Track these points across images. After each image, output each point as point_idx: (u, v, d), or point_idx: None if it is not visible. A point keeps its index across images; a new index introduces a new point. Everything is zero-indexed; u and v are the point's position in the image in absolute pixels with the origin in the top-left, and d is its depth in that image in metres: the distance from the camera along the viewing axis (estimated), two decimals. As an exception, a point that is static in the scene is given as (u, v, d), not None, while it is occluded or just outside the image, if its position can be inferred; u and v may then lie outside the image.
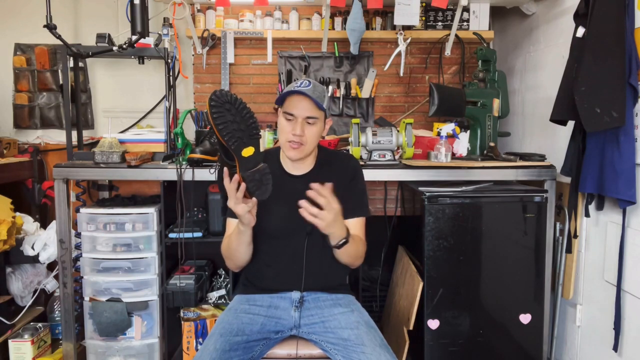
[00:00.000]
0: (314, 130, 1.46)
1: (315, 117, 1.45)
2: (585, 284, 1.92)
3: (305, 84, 1.43)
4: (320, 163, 1.57)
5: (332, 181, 1.45)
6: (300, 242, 1.50)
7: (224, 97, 1.23)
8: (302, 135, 1.43)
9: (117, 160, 2.00)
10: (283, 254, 1.53)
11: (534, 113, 2.38)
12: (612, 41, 1.60)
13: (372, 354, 1.31)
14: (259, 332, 1.44)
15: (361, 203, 1.60)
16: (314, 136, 1.47)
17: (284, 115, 1.47)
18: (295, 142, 1.44)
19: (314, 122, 1.45)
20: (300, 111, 1.43)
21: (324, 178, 1.49)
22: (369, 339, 1.36)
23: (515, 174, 1.99)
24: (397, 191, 2.21)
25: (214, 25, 2.63)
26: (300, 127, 1.43)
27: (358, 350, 1.33)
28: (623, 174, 1.60)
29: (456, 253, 1.87)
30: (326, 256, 1.53)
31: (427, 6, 2.60)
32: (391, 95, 2.77)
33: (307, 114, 1.44)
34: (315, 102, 1.42)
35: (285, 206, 1.47)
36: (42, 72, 2.67)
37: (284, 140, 1.47)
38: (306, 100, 1.43)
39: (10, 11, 2.66)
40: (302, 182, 1.50)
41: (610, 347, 1.71)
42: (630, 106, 1.59)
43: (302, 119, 1.44)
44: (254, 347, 1.41)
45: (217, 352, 1.32)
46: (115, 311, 2.01)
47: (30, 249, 2.25)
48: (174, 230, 2.06)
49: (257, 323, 1.45)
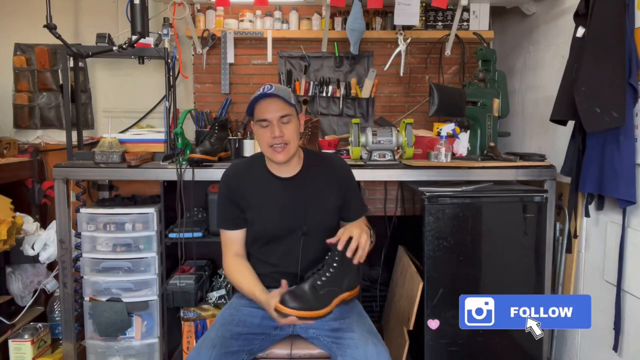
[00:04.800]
0: (291, 128, 1.47)
1: (288, 115, 1.46)
2: (585, 284, 1.92)
3: (267, 88, 1.45)
4: (308, 164, 1.58)
5: (320, 180, 1.55)
6: (294, 242, 1.53)
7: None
8: (283, 135, 1.44)
9: (117, 160, 2.00)
10: (278, 254, 1.55)
11: (534, 113, 2.38)
12: (612, 41, 1.60)
13: (359, 339, 1.37)
14: (259, 325, 1.47)
15: (361, 203, 1.67)
16: (293, 133, 1.47)
17: (258, 124, 1.48)
18: (277, 144, 1.45)
19: (288, 120, 1.46)
20: (272, 113, 1.45)
21: (312, 179, 1.56)
22: (358, 326, 1.43)
23: (515, 174, 1.99)
24: (397, 191, 2.20)
25: (214, 25, 2.63)
26: (278, 129, 1.44)
27: (347, 337, 1.39)
28: (623, 174, 1.60)
29: (456, 253, 1.87)
30: (321, 253, 1.54)
31: (427, 6, 2.60)
32: (391, 95, 2.77)
33: (279, 114, 1.45)
34: (283, 99, 1.44)
35: (277, 209, 1.52)
36: (42, 72, 2.66)
37: (266, 147, 1.48)
38: (274, 101, 1.45)
39: (10, 11, 2.66)
40: (291, 184, 1.54)
41: (610, 347, 1.71)
42: (630, 106, 1.59)
43: (276, 120, 1.45)
44: (253, 340, 1.44)
45: (219, 339, 1.35)
46: (115, 311, 2.01)
47: (30, 249, 2.25)
48: (174, 230, 2.07)
49: (257, 316, 1.48)
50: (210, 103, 2.70)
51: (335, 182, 1.58)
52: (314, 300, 1.31)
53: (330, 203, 1.57)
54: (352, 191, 1.63)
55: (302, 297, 1.31)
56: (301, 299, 1.30)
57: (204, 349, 1.33)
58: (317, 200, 1.54)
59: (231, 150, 2.31)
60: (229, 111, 2.64)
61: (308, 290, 1.33)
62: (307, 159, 1.59)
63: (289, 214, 1.52)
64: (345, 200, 1.59)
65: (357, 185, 1.67)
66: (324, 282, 1.35)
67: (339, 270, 1.38)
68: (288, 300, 1.29)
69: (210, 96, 2.72)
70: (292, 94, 1.51)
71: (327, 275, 1.37)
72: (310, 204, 1.53)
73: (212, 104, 2.69)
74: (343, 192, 1.59)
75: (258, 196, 1.53)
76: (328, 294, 1.35)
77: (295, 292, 1.32)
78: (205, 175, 1.99)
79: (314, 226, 1.53)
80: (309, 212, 1.53)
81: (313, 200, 1.54)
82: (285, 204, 1.53)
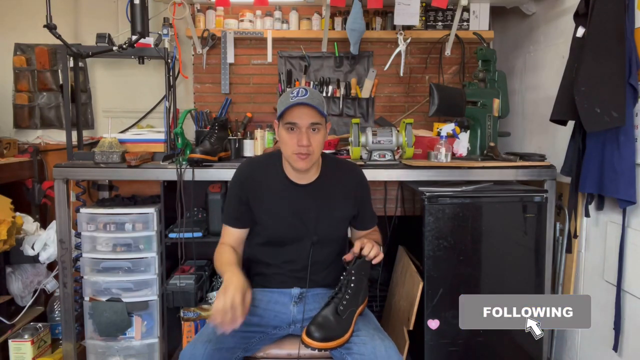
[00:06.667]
0: (319, 138, 1.43)
1: (319, 124, 1.42)
2: (585, 284, 1.92)
3: (302, 93, 1.40)
4: (325, 172, 1.56)
5: (336, 191, 1.53)
6: (303, 248, 1.52)
7: None
8: (310, 145, 1.40)
9: (117, 160, 2.00)
10: (286, 259, 1.55)
11: (534, 113, 2.38)
12: (612, 41, 1.60)
13: (366, 336, 1.36)
14: (257, 323, 1.47)
15: (372, 214, 1.68)
16: (319, 143, 1.44)
17: (285, 126, 1.42)
18: (303, 153, 1.41)
19: (318, 129, 1.43)
20: (303, 120, 1.40)
21: (328, 188, 1.53)
22: (364, 324, 1.43)
23: (515, 174, 1.99)
24: (397, 191, 2.20)
25: (214, 25, 2.63)
26: (306, 137, 1.39)
27: (353, 335, 1.38)
28: (623, 174, 1.60)
29: (456, 253, 1.87)
30: (329, 259, 1.57)
31: (427, 6, 2.60)
32: (391, 95, 2.77)
33: (310, 121, 1.40)
34: (317, 109, 1.40)
35: (289, 215, 1.51)
36: (42, 72, 2.66)
37: (289, 152, 1.43)
38: (308, 108, 1.40)
39: (10, 11, 2.66)
40: (307, 191, 1.52)
41: (610, 347, 1.71)
42: (630, 106, 1.59)
43: (306, 127, 1.40)
44: (250, 338, 1.44)
45: (215, 335, 1.34)
46: (115, 311, 2.01)
47: (30, 249, 2.25)
48: (174, 230, 2.06)
49: (255, 314, 1.47)
50: (210, 103, 2.70)
51: (350, 193, 1.57)
52: (337, 327, 1.34)
53: (343, 213, 1.56)
54: (366, 201, 1.63)
55: (326, 326, 1.33)
56: (326, 328, 1.33)
57: (199, 343, 1.33)
58: (329, 210, 1.53)
59: (231, 150, 2.31)
60: (229, 111, 2.64)
61: (332, 317, 1.35)
62: (325, 166, 1.56)
63: (300, 221, 1.51)
64: (358, 210, 1.60)
65: (370, 198, 1.67)
66: (346, 305, 1.37)
67: (356, 287, 1.40)
68: (313, 331, 1.32)
69: (210, 96, 2.72)
70: (324, 102, 1.48)
71: (347, 297, 1.38)
72: (322, 213, 1.52)
73: (212, 104, 2.69)
74: (357, 202, 1.58)
75: (270, 199, 1.51)
76: (349, 315, 1.38)
77: (320, 322, 1.34)
78: (205, 175, 1.99)
79: (324, 235, 1.52)
80: (320, 221, 1.51)
81: (326, 209, 1.52)
82: (297, 210, 1.51)
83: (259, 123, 2.58)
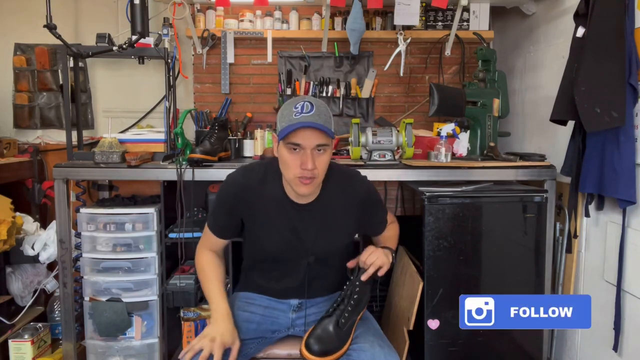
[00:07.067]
0: (324, 159, 1.30)
1: (325, 145, 1.28)
2: (585, 284, 1.92)
3: (307, 109, 1.25)
4: (327, 188, 1.43)
5: (337, 207, 1.44)
6: (301, 267, 1.47)
7: None
8: (315, 168, 1.27)
9: (117, 160, 2.00)
10: (284, 275, 1.51)
11: (534, 113, 2.38)
12: (612, 41, 1.60)
13: (365, 343, 1.34)
14: (255, 330, 1.45)
15: (382, 219, 1.62)
16: (325, 165, 1.31)
17: (286, 146, 1.28)
18: (306, 177, 1.27)
19: (324, 150, 1.29)
20: (308, 141, 1.26)
21: (328, 205, 1.43)
22: (363, 330, 1.40)
23: (515, 174, 1.98)
24: (397, 191, 2.21)
25: (214, 25, 2.63)
26: (311, 160, 1.25)
27: (352, 341, 1.36)
28: (623, 174, 1.60)
29: (456, 253, 1.87)
30: (331, 272, 1.53)
31: (427, 6, 2.60)
32: (391, 95, 2.77)
33: (316, 142, 1.26)
34: (324, 130, 1.25)
35: (287, 233, 1.42)
36: (42, 72, 2.66)
37: (291, 175, 1.29)
38: (314, 130, 1.25)
39: (10, 11, 2.65)
40: (306, 211, 1.42)
41: (610, 347, 1.71)
42: (630, 106, 1.59)
43: (311, 149, 1.26)
44: (249, 345, 1.42)
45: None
46: (115, 311, 2.01)
47: (30, 249, 2.25)
48: (174, 230, 2.07)
49: (253, 322, 1.45)
50: (210, 103, 2.70)
51: (353, 207, 1.47)
52: (336, 339, 1.33)
53: (344, 228, 1.48)
54: (372, 212, 1.54)
55: (326, 339, 1.32)
56: (325, 340, 1.31)
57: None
58: (329, 228, 1.44)
59: (231, 151, 2.31)
60: (229, 111, 2.64)
61: (332, 330, 1.33)
62: (327, 181, 1.41)
63: (297, 240, 1.43)
64: (363, 220, 1.52)
65: (381, 204, 1.59)
66: (347, 317, 1.36)
67: (359, 297, 1.39)
68: (312, 344, 1.31)
69: (210, 96, 2.72)
70: (331, 118, 1.33)
71: (349, 309, 1.37)
72: (321, 231, 1.43)
73: (212, 104, 2.69)
74: (360, 214, 1.49)
75: (266, 214, 1.41)
76: (349, 326, 1.37)
77: (319, 335, 1.32)
78: (205, 175, 1.99)
79: (323, 254, 1.46)
80: (318, 240, 1.44)
81: (325, 228, 1.43)
82: (294, 230, 1.42)
83: (259, 123, 2.58)
